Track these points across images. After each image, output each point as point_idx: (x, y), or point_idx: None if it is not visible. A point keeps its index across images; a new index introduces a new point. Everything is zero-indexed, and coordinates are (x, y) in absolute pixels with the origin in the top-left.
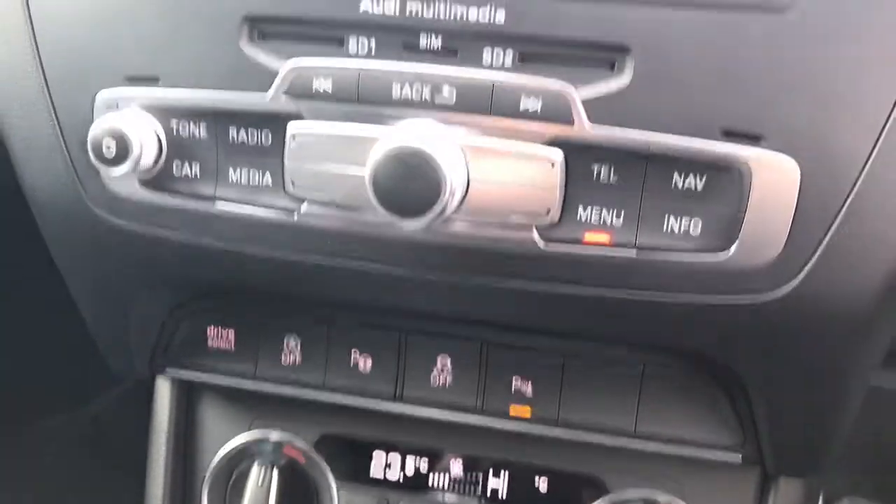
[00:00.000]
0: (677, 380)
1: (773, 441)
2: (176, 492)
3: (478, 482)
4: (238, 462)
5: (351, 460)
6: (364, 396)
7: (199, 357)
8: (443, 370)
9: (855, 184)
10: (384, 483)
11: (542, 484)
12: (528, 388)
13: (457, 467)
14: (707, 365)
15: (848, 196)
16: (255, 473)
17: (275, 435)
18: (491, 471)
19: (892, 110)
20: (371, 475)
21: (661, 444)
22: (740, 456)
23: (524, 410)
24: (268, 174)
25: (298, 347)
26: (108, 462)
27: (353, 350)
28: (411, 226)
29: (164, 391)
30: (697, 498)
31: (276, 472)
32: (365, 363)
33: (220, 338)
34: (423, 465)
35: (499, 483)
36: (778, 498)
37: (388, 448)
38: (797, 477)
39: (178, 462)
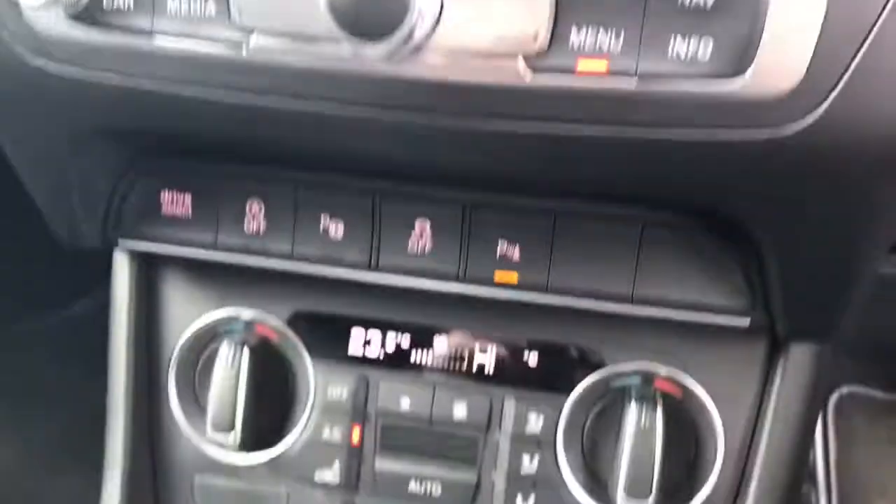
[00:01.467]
0: (680, 240)
1: (785, 303)
2: (140, 376)
3: (464, 358)
4: (206, 344)
5: (327, 337)
6: (336, 266)
7: (155, 226)
8: (421, 235)
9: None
10: (363, 361)
11: (532, 358)
12: (514, 252)
13: (441, 343)
14: (713, 221)
15: (881, 12)
16: (225, 353)
17: (245, 313)
18: (477, 346)
19: None
20: (349, 353)
21: (661, 310)
22: (748, 320)
23: (510, 276)
24: (211, 1)
25: (262, 213)
26: (92, 364)
27: (322, 215)
28: (375, 52)
29: (122, 267)
30: (700, 371)
31: (246, 352)
32: (336, 229)
33: (176, 203)
34: (405, 341)
35: (486, 359)
36: (787, 370)
37: (366, 324)
38: (809, 341)
39: (141, 345)
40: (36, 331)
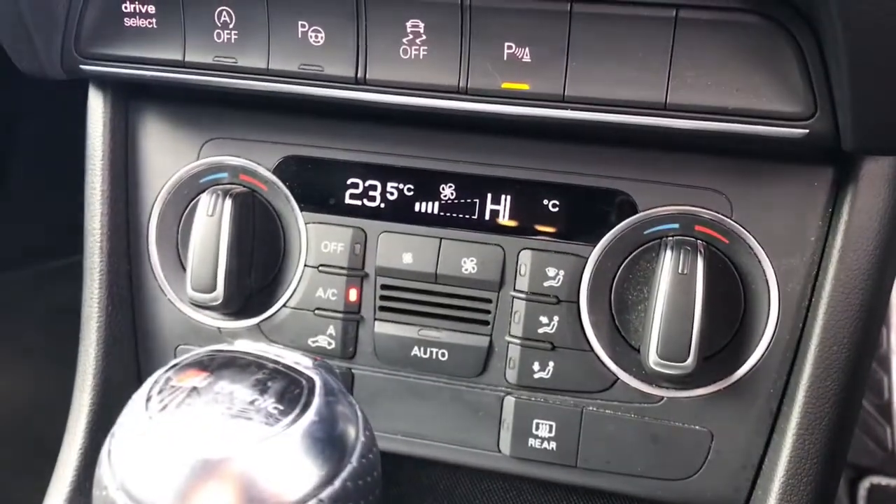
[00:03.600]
0: (723, 27)
1: (854, 101)
2: (118, 233)
3: (474, 205)
4: (190, 198)
5: (320, 186)
6: (318, 83)
7: (118, 43)
8: (414, 39)
9: None
10: (360, 212)
11: (551, 203)
12: (524, 54)
13: (448, 189)
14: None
15: None
16: (205, 203)
17: (229, 161)
18: (489, 190)
19: None
20: (345, 202)
21: (700, 121)
22: (806, 130)
23: (520, 84)
24: None
25: (233, 22)
26: None
27: (299, 22)
28: None
29: (96, 108)
30: (748, 212)
31: (229, 202)
32: (316, 36)
33: (139, 15)
34: (407, 187)
35: (499, 205)
36: (857, 199)
37: (363, 169)
38: (885, 156)
39: (120, 198)
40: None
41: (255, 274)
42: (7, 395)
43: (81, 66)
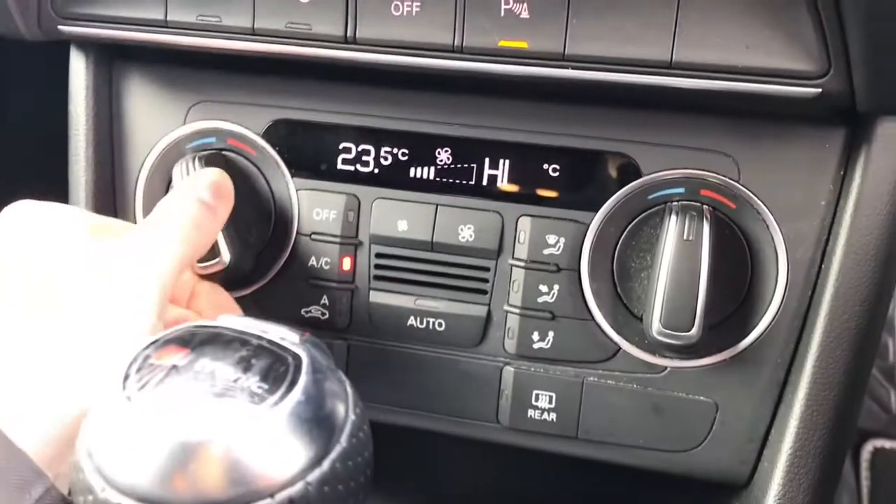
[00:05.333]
0: None
1: (867, 56)
2: (104, 196)
3: (471, 170)
4: (178, 161)
5: (310, 151)
6: (306, 42)
7: (96, 3)
8: None
9: None
10: (354, 177)
11: (551, 168)
12: (522, 9)
13: (444, 153)
14: None
15: None
16: (180, 167)
17: (215, 125)
18: (487, 154)
19: None
20: (337, 168)
21: (708, 80)
22: (820, 90)
23: (519, 43)
24: None
25: None
26: None
27: None
28: None
29: (78, 70)
30: (757, 176)
31: (199, 164)
32: None
33: None
34: (402, 151)
35: (497, 170)
36: (870, 161)
37: (356, 133)
38: None
39: (105, 165)
40: None
41: (244, 245)
42: None
43: (59, 28)
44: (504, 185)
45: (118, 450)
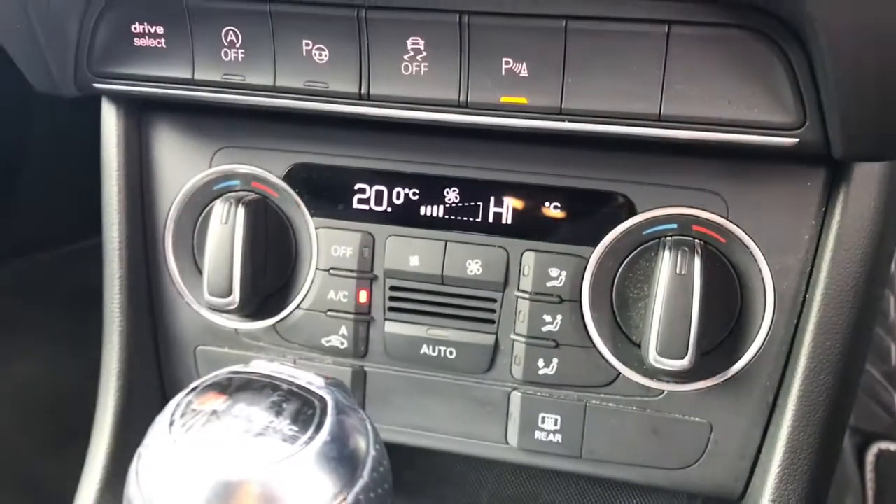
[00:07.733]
0: (714, 41)
1: (842, 110)
2: (135, 240)
3: (478, 209)
4: (203, 205)
5: (329, 192)
6: (324, 99)
7: (129, 62)
8: (415, 56)
9: None
10: (369, 216)
11: (553, 206)
12: (522, 69)
13: (452, 193)
14: (754, 12)
15: None
16: (219, 211)
17: (240, 169)
18: (492, 194)
19: None
20: (353, 207)
21: (694, 131)
22: (796, 139)
23: (519, 99)
24: None
25: (239, 42)
26: None
27: (304, 41)
28: None
29: (109, 119)
30: (744, 213)
31: (241, 209)
32: (320, 54)
33: (148, 35)
34: (413, 192)
35: (502, 208)
36: (849, 200)
37: (371, 175)
38: (872, 160)
39: (136, 207)
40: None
41: (269, 277)
42: (33, 378)
43: (94, 85)
44: (508, 222)
45: (167, 488)
